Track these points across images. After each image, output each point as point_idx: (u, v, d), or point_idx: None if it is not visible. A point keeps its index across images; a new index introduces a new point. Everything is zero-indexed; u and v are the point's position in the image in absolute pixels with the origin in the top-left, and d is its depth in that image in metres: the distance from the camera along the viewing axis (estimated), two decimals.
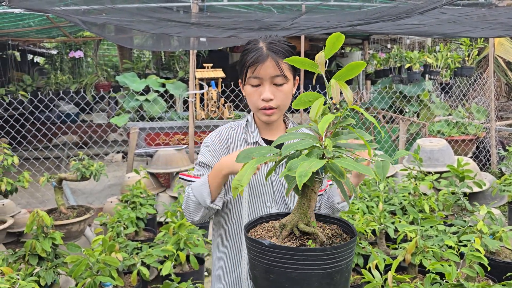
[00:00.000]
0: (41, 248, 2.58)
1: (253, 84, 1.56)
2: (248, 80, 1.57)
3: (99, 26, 4.35)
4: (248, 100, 1.62)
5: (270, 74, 1.53)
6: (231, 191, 1.06)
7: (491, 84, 6.06)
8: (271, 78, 1.54)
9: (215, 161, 1.63)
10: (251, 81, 1.56)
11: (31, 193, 5.55)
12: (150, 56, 8.98)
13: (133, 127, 5.27)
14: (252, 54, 1.54)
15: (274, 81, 1.54)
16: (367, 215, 3.18)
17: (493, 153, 6.00)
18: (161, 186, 4.96)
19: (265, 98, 1.54)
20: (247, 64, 1.55)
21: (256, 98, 1.57)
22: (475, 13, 4.09)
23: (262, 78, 1.54)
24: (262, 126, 1.68)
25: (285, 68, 1.54)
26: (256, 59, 1.52)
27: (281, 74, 1.53)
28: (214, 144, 1.67)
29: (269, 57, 1.52)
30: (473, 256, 2.30)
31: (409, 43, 8.18)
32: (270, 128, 1.68)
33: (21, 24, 7.09)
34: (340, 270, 1.03)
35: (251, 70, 1.54)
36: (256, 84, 1.56)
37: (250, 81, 1.57)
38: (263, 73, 1.53)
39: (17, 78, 8.33)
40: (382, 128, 6.52)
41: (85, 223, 4.07)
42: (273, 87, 1.55)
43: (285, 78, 1.55)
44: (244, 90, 1.64)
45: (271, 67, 1.52)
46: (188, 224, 3.06)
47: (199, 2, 4.85)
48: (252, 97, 1.58)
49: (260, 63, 1.52)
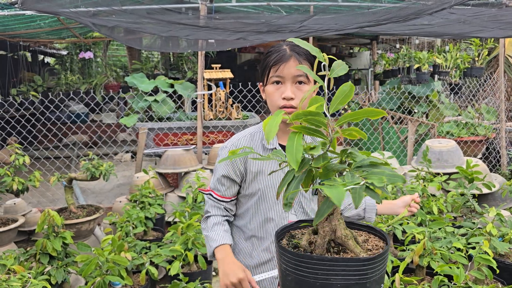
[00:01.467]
0: (52, 247, 2.62)
1: (275, 82, 1.58)
2: (270, 79, 1.59)
3: (109, 28, 4.39)
4: (269, 100, 1.63)
5: (292, 73, 1.55)
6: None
7: (501, 84, 6.01)
8: (293, 78, 1.55)
9: (232, 171, 1.66)
10: (273, 79, 1.58)
11: (41, 193, 5.61)
12: (158, 56, 9.03)
13: (142, 127, 5.30)
14: (275, 54, 1.57)
15: (296, 80, 1.56)
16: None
17: (503, 154, 5.94)
18: (169, 186, 4.99)
19: (286, 96, 1.55)
20: (270, 64, 1.57)
21: (277, 97, 1.58)
22: (485, 13, 4.06)
23: (284, 77, 1.56)
24: (281, 128, 1.68)
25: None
26: (280, 59, 1.55)
27: (303, 74, 1.55)
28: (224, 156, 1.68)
29: (293, 57, 1.54)
30: (482, 258, 2.29)
31: (418, 43, 8.13)
32: (288, 132, 1.68)
33: (32, 26, 7.17)
34: (377, 279, 1.02)
35: (273, 69, 1.57)
36: (277, 81, 1.58)
37: (272, 80, 1.58)
38: (286, 72, 1.55)
39: (28, 79, 8.43)
40: (390, 129, 6.50)
41: (95, 222, 4.12)
42: (294, 87, 1.56)
43: (307, 78, 1.57)
44: (264, 91, 1.65)
45: (294, 66, 1.54)
46: (197, 224, 3.08)
47: (207, 3, 4.88)
48: (273, 96, 1.59)
49: (283, 62, 1.54)
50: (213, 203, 1.72)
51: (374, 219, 1.78)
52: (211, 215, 1.72)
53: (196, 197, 3.95)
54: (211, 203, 1.73)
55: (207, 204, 1.74)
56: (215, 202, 1.72)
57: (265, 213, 1.67)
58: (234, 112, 5.67)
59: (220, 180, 1.69)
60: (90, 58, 8.13)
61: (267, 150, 1.66)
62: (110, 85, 7.60)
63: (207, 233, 1.68)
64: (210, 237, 1.65)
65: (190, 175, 4.70)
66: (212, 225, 1.68)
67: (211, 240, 1.65)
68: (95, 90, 7.57)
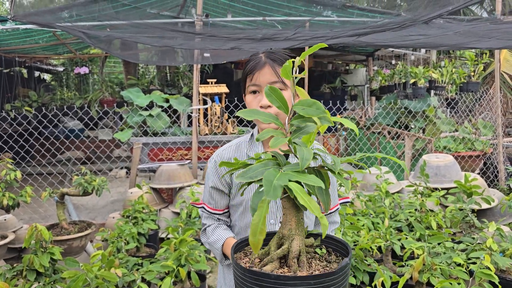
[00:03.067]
0: (39, 263, 2.53)
1: (252, 91, 1.55)
2: (247, 89, 1.57)
3: (105, 42, 4.37)
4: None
5: (267, 80, 1.51)
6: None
7: (498, 99, 6.01)
8: (269, 85, 1.51)
9: (219, 182, 1.64)
10: (250, 89, 1.55)
11: (33, 209, 5.52)
12: (154, 71, 9.03)
13: (136, 142, 5.25)
14: (251, 63, 1.55)
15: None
16: (372, 232, 3.12)
17: (501, 169, 5.91)
18: (163, 201, 4.91)
19: (263, 105, 1.51)
20: (246, 73, 1.56)
21: (255, 105, 1.54)
22: (481, 27, 4.07)
23: (260, 85, 1.53)
24: (266, 139, 1.66)
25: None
26: (254, 67, 1.53)
27: (279, 80, 1.51)
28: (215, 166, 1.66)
29: (267, 64, 1.52)
30: (483, 273, 2.22)
31: (414, 59, 8.17)
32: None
33: (28, 41, 7.17)
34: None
35: (249, 78, 1.55)
36: (254, 90, 1.55)
37: (249, 89, 1.56)
38: (261, 80, 1.52)
39: (23, 94, 8.39)
40: (387, 144, 6.46)
41: (87, 238, 4.02)
42: None
43: (284, 84, 1.52)
44: (246, 102, 1.63)
45: (269, 73, 1.51)
46: (190, 240, 3.00)
47: (203, 18, 4.88)
48: (251, 105, 1.56)
49: (257, 70, 1.52)
50: (207, 215, 1.70)
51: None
52: (208, 226, 1.69)
53: (191, 213, 3.87)
54: (205, 215, 1.71)
55: (203, 217, 1.72)
56: (209, 215, 1.70)
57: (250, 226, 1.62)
58: (229, 127, 5.62)
59: (210, 192, 1.67)
60: (85, 73, 8.11)
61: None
62: (105, 100, 7.56)
63: (209, 240, 1.65)
64: (213, 242, 1.62)
65: (185, 191, 4.63)
66: (211, 232, 1.65)
67: (215, 243, 1.61)
68: (90, 105, 7.53)
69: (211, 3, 6.52)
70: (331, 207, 1.73)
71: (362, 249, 2.89)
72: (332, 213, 1.73)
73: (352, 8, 5.85)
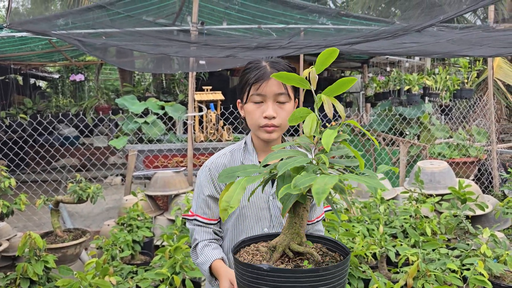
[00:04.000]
0: (33, 272, 2.52)
1: (255, 101, 1.54)
2: (250, 98, 1.55)
3: (101, 50, 4.38)
4: (249, 118, 1.58)
5: (274, 91, 1.51)
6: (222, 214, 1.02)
7: (491, 106, 6.05)
8: (275, 96, 1.52)
9: (214, 190, 1.63)
10: (254, 98, 1.54)
11: (28, 216, 5.49)
12: (150, 79, 9.04)
13: (132, 149, 5.24)
14: (256, 72, 1.53)
15: (277, 99, 1.53)
16: (367, 238, 3.12)
17: (495, 175, 5.94)
18: (159, 209, 4.90)
19: (268, 115, 1.51)
20: (250, 82, 1.53)
21: (258, 115, 1.54)
22: (474, 34, 4.11)
23: (265, 95, 1.52)
24: (260, 147, 1.65)
25: (288, 87, 1.53)
26: (261, 76, 1.51)
27: (285, 92, 1.52)
28: (214, 170, 1.65)
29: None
30: (477, 280, 2.23)
31: (408, 66, 8.23)
32: (268, 150, 1.65)
33: (23, 48, 7.17)
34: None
35: (254, 88, 1.53)
36: (259, 101, 1.54)
37: (252, 98, 1.54)
38: (267, 90, 1.51)
39: (18, 102, 8.37)
40: (382, 151, 6.49)
41: (81, 246, 4.00)
42: (275, 105, 1.53)
43: (288, 96, 1.53)
44: (243, 109, 1.61)
45: (276, 84, 1.51)
46: (185, 247, 2.99)
47: (198, 26, 4.90)
48: (253, 114, 1.55)
49: (264, 80, 1.51)
50: (200, 229, 1.65)
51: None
52: (199, 242, 1.64)
53: (186, 220, 3.87)
54: (197, 229, 1.65)
55: (194, 232, 1.66)
56: (202, 227, 1.65)
57: (245, 233, 1.61)
58: (225, 133, 5.63)
59: (205, 201, 1.63)
60: (81, 80, 8.10)
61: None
62: (100, 107, 7.55)
63: (198, 260, 1.60)
64: (201, 262, 1.58)
65: (180, 198, 4.62)
66: (200, 251, 1.61)
67: (203, 264, 1.57)
68: (85, 112, 7.52)
69: (207, 11, 6.56)
70: (317, 216, 1.73)
71: (357, 256, 2.89)
72: (317, 222, 1.73)
73: (346, 16, 5.90)
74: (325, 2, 12.51)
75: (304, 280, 0.94)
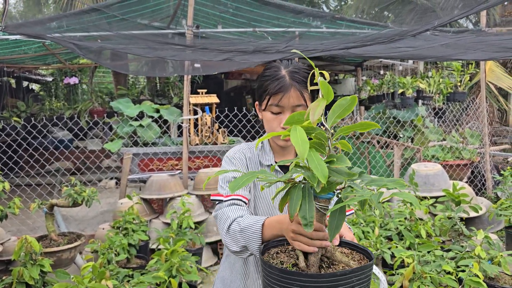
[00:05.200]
0: (29, 276, 2.51)
1: (273, 112, 1.57)
2: (269, 107, 1.58)
3: (95, 53, 4.37)
4: (267, 125, 1.62)
5: (292, 103, 1.53)
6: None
7: (484, 109, 6.11)
8: (293, 107, 1.55)
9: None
10: (272, 109, 1.57)
11: (22, 220, 5.44)
12: (145, 82, 9.02)
13: (127, 152, 5.23)
14: (276, 82, 1.54)
15: (295, 109, 1.55)
16: (363, 241, 3.14)
17: (488, 177, 5.99)
18: (154, 212, 4.89)
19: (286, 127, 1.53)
20: (270, 92, 1.55)
21: (276, 125, 1.57)
22: (467, 39, 4.15)
23: (284, 107, 1.54)
24: (276, 149, 1.70)
25: (306, 97, 1.55)
26: (280, 89, 1.53)
27: (304, 104, 1.54)
28: (236, 160, 1.65)
29: (293, 87, 1.53)
30: (472, 281, 2.25)
31: (402, 70, 8.28)
32: (284, 153, 1.70)
33: (17, 51, 7.13)
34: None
35: (274, 99, 1.55)
36: (277, 112, 1.56)
37: (271, 109, 1.57)
38: (286, 102, 1.53)
39: (11, 105, 8.30)
40: (376, 153, 6.52)
41: (76, 250, 3.98)
42: None
43: (306, 106, 1.55)
44: (262, 114, 1.64)
45: (295, 97, 1.53)
46: (181, 250, 2.99)
47: (194, 29, 4.91)
48: (271, 123, 1.58)
49: (284, 93, 1.52)
50: (236, 208, 1.51)
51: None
52: (237, 217, 1.46)
53: (181, 223, 3.86)
54: (233, 208, 1.51)
55: (227, 212, 1.50)
56: (240, 206, 1.52)
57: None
58: (220, 137, 5.64)
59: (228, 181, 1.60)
60: (75, 84, 8.06)
61: (264, 166, 1.67)
62: (95, 110, 7.52)
63: (243, 224, 1.40)
64: (249, 224, 1.38)
65: (175, 201, 4.61)
66: (243, 220, 1.42)
67: (254, 223, 1.37)
68: (80, 115, 7.48)
69: (202, 14, 6.57)
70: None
71: None
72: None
73: (341, 20, 5.93)
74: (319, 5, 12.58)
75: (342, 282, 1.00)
